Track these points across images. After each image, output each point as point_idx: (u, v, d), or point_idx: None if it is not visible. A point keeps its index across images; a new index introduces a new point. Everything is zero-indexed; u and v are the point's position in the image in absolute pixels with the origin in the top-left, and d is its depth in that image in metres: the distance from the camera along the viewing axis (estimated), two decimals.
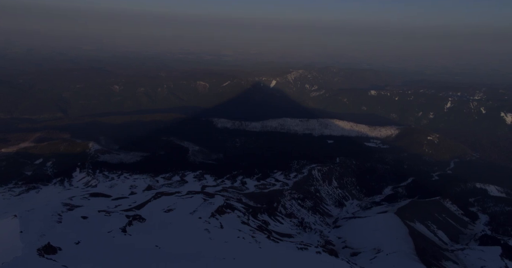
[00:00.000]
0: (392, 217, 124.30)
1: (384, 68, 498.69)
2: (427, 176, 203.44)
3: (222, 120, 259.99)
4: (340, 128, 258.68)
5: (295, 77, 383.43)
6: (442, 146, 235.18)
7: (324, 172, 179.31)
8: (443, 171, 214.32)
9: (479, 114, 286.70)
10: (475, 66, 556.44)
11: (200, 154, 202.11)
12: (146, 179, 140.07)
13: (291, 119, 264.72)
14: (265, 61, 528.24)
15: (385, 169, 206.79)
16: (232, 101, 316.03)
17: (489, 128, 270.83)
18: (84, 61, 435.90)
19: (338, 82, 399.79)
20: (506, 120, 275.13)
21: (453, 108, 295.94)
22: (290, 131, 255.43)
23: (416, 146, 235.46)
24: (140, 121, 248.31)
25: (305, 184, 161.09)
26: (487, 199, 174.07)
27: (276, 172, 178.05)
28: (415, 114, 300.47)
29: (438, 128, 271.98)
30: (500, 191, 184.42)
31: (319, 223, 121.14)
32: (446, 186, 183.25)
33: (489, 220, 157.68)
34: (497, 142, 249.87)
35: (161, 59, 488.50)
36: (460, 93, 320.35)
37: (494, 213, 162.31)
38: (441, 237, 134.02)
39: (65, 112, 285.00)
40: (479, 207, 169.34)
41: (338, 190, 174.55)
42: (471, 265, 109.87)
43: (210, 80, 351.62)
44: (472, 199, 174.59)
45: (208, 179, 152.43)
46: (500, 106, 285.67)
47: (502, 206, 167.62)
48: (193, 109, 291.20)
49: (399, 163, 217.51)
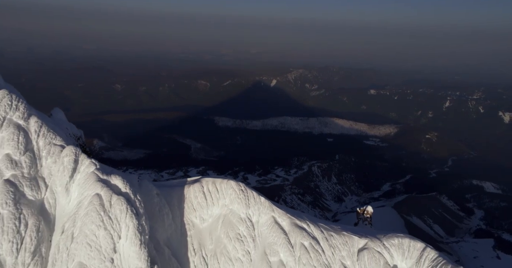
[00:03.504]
0: (389, 210, 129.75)
1: (384, 67, 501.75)
2: (425, 173, 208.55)
3: (223, 118, 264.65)
4: (339, 127, 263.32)
5: (295, 76, 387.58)
6: (440, 144, 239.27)
7: (323, 169, 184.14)
8: (441, 168, 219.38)
9: (478, 113, 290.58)
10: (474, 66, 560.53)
11: (202, 151, 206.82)
12: (151, 174, 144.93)
13: (291, 117, 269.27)
14: (266, 60, 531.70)
15: (384, 166, 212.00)
16: (233, 100, 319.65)
17: (487, 127, 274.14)
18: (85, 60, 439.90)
19: (338, 81, 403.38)
20: (504, 119, 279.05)
21: (451, 107, 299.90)
22: (291, 130, 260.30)
23: (415, 144, 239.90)
24: (142, 119, 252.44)
25: (305, 180, 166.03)
26: (483, 195, 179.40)
27: (276, 169, 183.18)
28: (414, 113, 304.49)
29: (437, 127, 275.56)
30: (496, 187, 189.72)
31: (318, 217, 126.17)
32: (443, 183, 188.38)
33: (485, 215, 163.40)
34: (495, 140, 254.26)
35: (162, 59, 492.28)
36: (459, 92, 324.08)
37: (490, 209, 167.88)
38: (437, 230, 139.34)
39: (68, 110, 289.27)
40: (475, 203, 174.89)
41: (337, 186, 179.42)
42: (465, 256, 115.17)
43: (211, 79, 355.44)
44: (468, 195, 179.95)
45: (210, 174, 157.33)
46: (498, 105, 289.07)
47: (497, 202, 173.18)
48: (194, 108, 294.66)
49: (397, 160, 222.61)
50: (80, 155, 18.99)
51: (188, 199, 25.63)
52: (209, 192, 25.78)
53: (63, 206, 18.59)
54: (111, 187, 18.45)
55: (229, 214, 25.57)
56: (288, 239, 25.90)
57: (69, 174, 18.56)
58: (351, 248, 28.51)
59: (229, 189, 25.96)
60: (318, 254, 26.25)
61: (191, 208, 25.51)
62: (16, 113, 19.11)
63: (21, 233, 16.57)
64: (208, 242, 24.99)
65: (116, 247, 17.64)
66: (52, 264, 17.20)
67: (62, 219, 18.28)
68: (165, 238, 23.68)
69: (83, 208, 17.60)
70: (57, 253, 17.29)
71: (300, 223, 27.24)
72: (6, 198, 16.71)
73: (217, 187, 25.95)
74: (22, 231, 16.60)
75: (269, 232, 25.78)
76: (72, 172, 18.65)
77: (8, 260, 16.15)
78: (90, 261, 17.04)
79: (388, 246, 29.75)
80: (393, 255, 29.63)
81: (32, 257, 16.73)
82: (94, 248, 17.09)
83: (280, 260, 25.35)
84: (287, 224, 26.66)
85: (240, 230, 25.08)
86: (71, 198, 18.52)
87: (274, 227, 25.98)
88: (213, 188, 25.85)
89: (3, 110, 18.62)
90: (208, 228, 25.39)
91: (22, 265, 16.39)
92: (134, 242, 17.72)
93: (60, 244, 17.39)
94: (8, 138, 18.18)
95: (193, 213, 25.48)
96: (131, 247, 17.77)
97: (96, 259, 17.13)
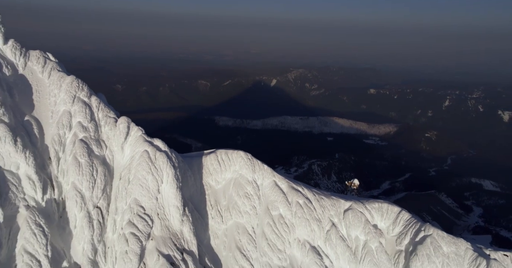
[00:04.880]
0: None
1: (384, 67, 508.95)
2: (424, 172, 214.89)
3: (223, 118, 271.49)
4: (339, 126, 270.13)
5: (295, 76, 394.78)
6: (440, 143, 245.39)
7: (323, 167, 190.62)
8: (440, 167, 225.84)
9: (477, 112, 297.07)
10: (473, 65, 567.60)
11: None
12: None
13: (291, 117, 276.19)
14: (266, 60, 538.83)
15: (383, 165, 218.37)
16: (233, 99, 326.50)
17: (486, 125, 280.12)
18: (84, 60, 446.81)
19: (338, 81, 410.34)
20: (503, 118, 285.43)
21: (451, 106, 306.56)
22: (291, 129, 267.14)
23: (414, 143, 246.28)
24: (143, 119, 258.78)
25: (305, 178, 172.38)
26: (482, 193, 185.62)
27: (277, 167, 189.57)
28: (413, 112, 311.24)
29: (437, 126, 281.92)
30: (495, 185, 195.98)
31: None
32: (443, 181, 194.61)
33: (483, 212, 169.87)
34: (494, 139, 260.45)
35: (162, 59, 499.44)
36: (459, 91, 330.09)
37: (488, 206, 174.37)
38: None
39: None
40: (474, 200, 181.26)
41: (337, 184, 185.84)
42: None
43: (211, 79, 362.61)
44: (467, 193, 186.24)
45: None
46: (498, 104, 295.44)
47: (495, 200, 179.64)
48: (194, 108, 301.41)
49: (397, 159, 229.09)
50: (131, 123, 26.10)
51: (205, 166, 32.64)
52: (222, 160, 32.79)
53: (119, 160, 25.68)
54: (155, 146, 25.56)
55: (239, 177, 32.59)
56: (286, 198, 32.91)
57: (124, 137, 25.66)
58: (338, 208, 35.48)
59: (239, 158, 33.00)
60: (310, 210, 33.27)
61: (208, 173, 32.51)
62: (82, 93, 26.21)
63: (94, 176, 23.62)
64: (222, 199, 31.97)
65: (160, 189, 24.72)
66: (115, 200, 24.28)
67: (119, 169, 25.36)
68: (189, 196, 30.63)
69: (136, 160, 24.66)
70: (117, 193, 24.39)
71: (296, 187, 34.27)
72: (83, 151, 23.79)
73: (229, 156, 32.97)
74: (94, 175, 23.65)
75: (271, 192, 32.78)
76: (125, 135, 25.76)
77: (87, 194, 23.23)
78: (142, 198, 24.10)
79: (369, 208, 36.74)
80: (374, 215, 36.62)
81: (102, 193, 23.82)
82: (145, 188, 24.16)
83: (280, 214, 32.35)
84: (285, 187, 33.68)
85: (248, 189, 32.06)
86: (124, 154, 25.61)
87: (275, 189, 32.98)
88: (225, 157, 32.88)
89: (74, 90, 25.72)
90: (222, 189, 32.39)
91: (96, 198, 23.47)
92: (172, 186, 24.77)
93: (119, 186, 24.46)
94: (79, 110, 25.26)
95: (210, 176, 32.48)
96: (170, 190, 24.82)
97: (146, 196, 24.19)
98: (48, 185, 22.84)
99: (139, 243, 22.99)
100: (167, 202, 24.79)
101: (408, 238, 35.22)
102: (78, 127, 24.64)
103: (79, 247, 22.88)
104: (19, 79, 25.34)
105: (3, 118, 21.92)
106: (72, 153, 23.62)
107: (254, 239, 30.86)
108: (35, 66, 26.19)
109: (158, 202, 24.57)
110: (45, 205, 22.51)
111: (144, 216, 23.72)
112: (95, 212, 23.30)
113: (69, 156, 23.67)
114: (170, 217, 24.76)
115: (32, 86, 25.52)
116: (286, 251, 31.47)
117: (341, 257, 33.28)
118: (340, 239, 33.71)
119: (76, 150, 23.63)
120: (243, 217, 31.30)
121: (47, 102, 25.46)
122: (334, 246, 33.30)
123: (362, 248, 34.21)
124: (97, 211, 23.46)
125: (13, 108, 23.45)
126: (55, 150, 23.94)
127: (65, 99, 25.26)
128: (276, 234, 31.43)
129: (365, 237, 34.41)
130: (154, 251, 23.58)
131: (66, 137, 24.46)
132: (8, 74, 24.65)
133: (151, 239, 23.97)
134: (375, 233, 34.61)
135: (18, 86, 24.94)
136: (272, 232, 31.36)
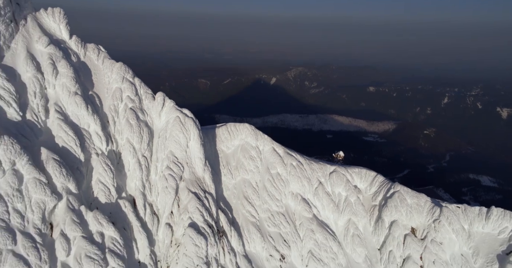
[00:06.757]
0: None
1: (383, 65, 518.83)
2: (423, 168, 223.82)
3: (223, 116, 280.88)
4: (339, 123, 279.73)
5: (295, 74, 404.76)
6: (438, 140, 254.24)
7: None
8: (439, 163, 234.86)
9: (476, 109, 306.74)
10: (472, 62, 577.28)
11: None
12: None
13: (291, 115, 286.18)
14: (265, 58, 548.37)
15: (382, 161, 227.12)
16: (233, 98, 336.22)
17: (485, 122, 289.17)
18: None
19: (337, 79, 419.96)
20: (502, 114, 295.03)
21: (450, 103, 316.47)
22: (290, 127, 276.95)
23: (413, 140, 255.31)
24: None
25: None
26: (479, 189, 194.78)
27: None
28: (413, 109, 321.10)
29: (436, 123, 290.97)
30: (493, 181, 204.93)
31: None
32: (441, 177, 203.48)
33: None
34: (493, 136, 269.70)
35: (162, 58, 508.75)
36: (457, 89, 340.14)
37: (485, 201, 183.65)
38: None
39: None
40: (471, 195, 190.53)
41: None
42: None
43: (211, 78, 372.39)
44: (465, 189, 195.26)
45: None
46: (496, 101, 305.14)
47: (493, 195, 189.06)
48: (195, 106, 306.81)
49: (396, 156, 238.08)
50: (165, 97, 36.05)
51: (218, 135, 42.51)
52: (231, 130, 42.66)
53: (157, 124, 35.62)
54: (184, 113, 35.48)
55: (245, 144, 42.46)
56: (283, 160, 42.79)
57: (161, 106, 35.63)
58: (325, 171, 45.34)
59: (244, 128, 42.89)
60: (302, 170, 43.14)
61: (220, 140, 42.37)
62: (128, 74, 36.09)
63: (141, 134, 33.49)
64: (232, 161, 41.80)
65: (188, 144, 34.62)
66: (156, 152, 34.27)
67: (157, 131, 35.33)
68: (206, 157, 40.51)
69: (170, 123, 34.59)
70: (157, 147, 34.34)
71: (290, 152, 44.23)
72: (133, 116, 33.68)
73: (237, 128, 42.86)
74: (141, 133, 33.53)
75: (270, 156, 42.67)
76: (162, 106, 35.73)
77: (137, 146, 33.14)
78: (175, 150, 34.02)
79: (350, 172, 46.67)
80: (354, 178, 46.51)
81: (147, 146, 33.77)
82: (177, 143, 34.07)
83: (277, 172, 42.22)
84: (281, 152, 43.59)
85: (252, 153, 41.90)
86: (161, 119, 35.55)
87: (273, 153, 42.85)
88: (234, 128, 42.75)
89: (122, 72, 35.60)
90: (231, 153, 42.23)
91: (143, 150, 33.39)
92: (197, 142, 34.68)
93: (159, 142, 34.44)
94: (127, 87, 35.15)
95: (222, 143, 42.35)
96: (195, 145, 34.74)
97: (178, 149, 34.10)
98: (109, 140, 32.64)
99: (174, 181, 32.87)
100: (193, 154, 34.66)
101: (381, 195, 45.07)
102: (127, 99, 34.47)
103: (132, 184, 32.71)
104: (82, 65, 35.14)
105: (78, 91, 31.73)
106: (125, 118, 33.46)
107: (257, 191, 40.65)
108: (92, 55, 35.98)
109: (187, 154, 34.45)
110: (108, 154, 32.30)
111: (177, 163, 33.63)
112: (143, 159, 33.17)
113: (123, 120, 33.51)
114: (196, 166, 34.67)
115: (91, 70, 35.36)
116: (282, 201, 41.28)
117: (327, 208, 43.09)
118: (325, 194, 43.51)
119: (128, 115, 33.47)
120: (249, 174, 41.04)
121: (103, 81, 35.30)
122: (320, 199, 43.12)
123: (343, 202, 44.01)
124: (144, 159, 33.33)
125: (81, 86, 33.28)
126: (112, 116, 33.75)
127: (117, 79, 35.11)
128: (275, 187, 41.24)
129: (346, 193, 44.22)
130: (185, 189, 33.42)
131: (119, 107, 34.28)
132: (75, 61, 34.42)
133: (182, 181, 33.82)
134: (354, 190, 44.44)
135: (81, 70, 34.76)
136: (271, 186, 41.19)
